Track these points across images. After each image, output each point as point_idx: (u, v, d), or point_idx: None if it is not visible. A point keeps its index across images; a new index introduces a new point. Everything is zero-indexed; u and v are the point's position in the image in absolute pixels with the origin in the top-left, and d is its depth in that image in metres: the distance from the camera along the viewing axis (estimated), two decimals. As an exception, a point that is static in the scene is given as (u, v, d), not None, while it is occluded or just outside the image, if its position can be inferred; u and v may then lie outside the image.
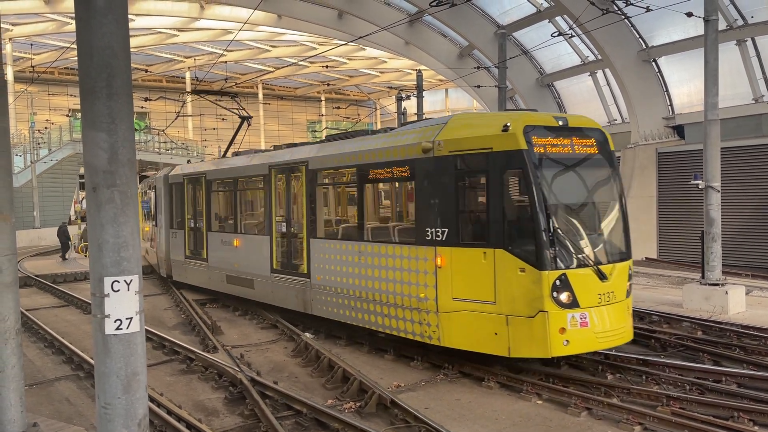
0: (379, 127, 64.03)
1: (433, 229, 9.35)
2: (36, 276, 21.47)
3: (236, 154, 16.66)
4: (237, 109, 17.80)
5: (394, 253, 10.10)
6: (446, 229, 9.16)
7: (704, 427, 6.90)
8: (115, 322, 3.90)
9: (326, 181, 12.61)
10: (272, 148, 15.35)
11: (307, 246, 12.19)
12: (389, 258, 10.18)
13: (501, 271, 8.55)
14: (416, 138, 9.83)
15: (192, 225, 17.38)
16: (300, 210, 12.72)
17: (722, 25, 17.41)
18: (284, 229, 13.15)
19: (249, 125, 17.78)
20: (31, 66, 32.77)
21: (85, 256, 27.24)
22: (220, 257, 15.75)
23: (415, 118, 27.23)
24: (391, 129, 11.50)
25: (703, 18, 13.42)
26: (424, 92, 27.47)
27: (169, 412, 7.77)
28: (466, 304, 8.96)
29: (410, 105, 30.57)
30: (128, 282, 3.92)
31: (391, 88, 53.06)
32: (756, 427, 6.97)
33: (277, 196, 13.58)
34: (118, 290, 3.88)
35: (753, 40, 20.33)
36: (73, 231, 32.92)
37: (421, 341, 9.74)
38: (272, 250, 13.46)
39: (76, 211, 42.24)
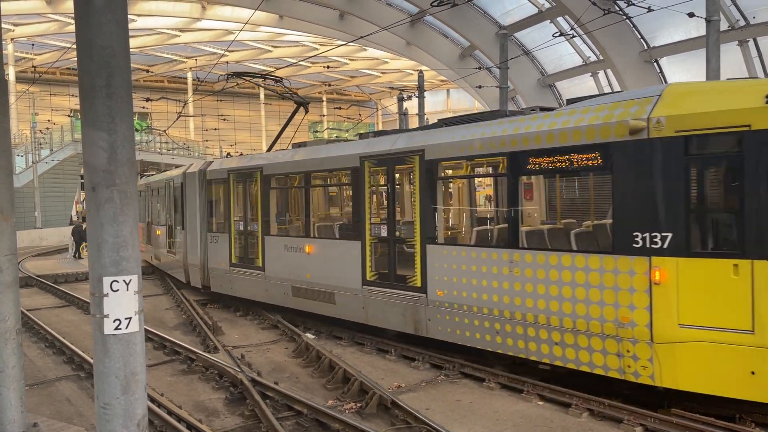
0: (380, 128, 64.09)
1: (647, 234, 7.28)
2: (37, 276, 21.48)
3: (298, 145, 14.21)
4: (289, 93, 15.65)
5: (575, 264, 7.98)
6: (668, 234, 7.13)
7: (706, 429, 6.87)
8: (114, 321, 3.89)
9: (451, 173, 10.78)
10: (357, 137, 13.19)
11: (421, 253, 10.07)
12: (565, 270, 8.07)
13: (763, 291, 6.66)
14: (611, 116, 7.69)
15: (241, 228, 14.84)
16: (410, 209, 11.18)
17: (724, 25, 17.37)
18: (384, 233, 10.94)
19: (307, 111, 15.41)
20: (33, 66, 32.81)
21: (84, 256, 27.13)
22: (282, 266, 13.26)
23: (416, 119, 27.22)
24: (545, 109, 9.51)
25: (705, 18, 13.39)
26: (425, 93, 27.43)
27: (170, 413, 7.76)
28: (702, 333, 6.96)
29: (411, 105, 30.55)
30: (127, 282, 3.91)
31: (392, 88, 53.06)
32: (757, 428, 6.94)
33: (372, 193, 11.42)
34: (117, 290, 3.87)
35: (755, 40, 20.29)
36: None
37: (620, 378, 7.69)
38: (365, 257, 11.11)
39: (77, 212, 42.29)
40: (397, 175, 11.17)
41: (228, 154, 16.75)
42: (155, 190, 22.01)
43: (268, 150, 16.65)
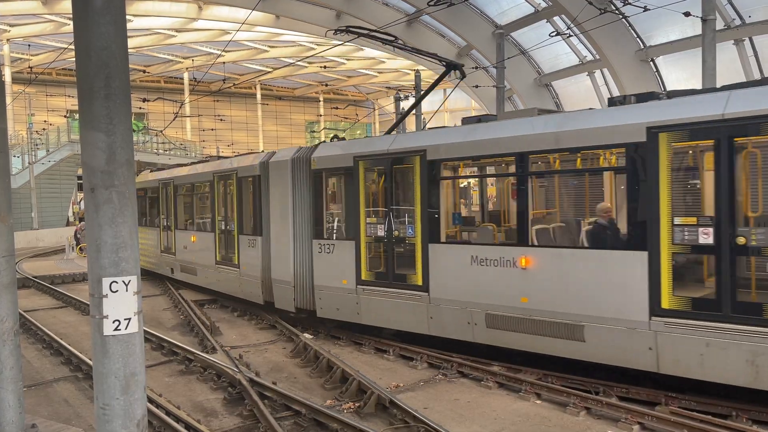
0: (378, 128, 64.03)
1: None
2: (34, 277, 21.44)
3: (476, 120, 10.63)
4: (429, 54, 13.14)
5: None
6: None
7: (703, 426, 6.90)
8: (113, 322, 3.90)
9: None
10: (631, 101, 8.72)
11: None
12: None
13: None
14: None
15: (380, 233, 11.05)
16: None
17: (720, 24, 17.42)
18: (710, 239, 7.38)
19: (463, 76, 12.31)
20: (29, 67, 32.82)
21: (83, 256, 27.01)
22: (465, 285, 9.80)
23: (413, 118, 27.23)
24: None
25: (701, 18, 13.44)
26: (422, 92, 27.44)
27: (168, 413, 7.76)
28: None
29: (408, 105, 30.56)
30: (126, 283, 3.92)
31: (389, 88, 53.12)
32: (755, 426, 6.97)
33: (679, 180, 7.99)
34: (117, 291, 3.88)
35: (750, 39, 20.36)
36: (71, 232, 32.88)
37: None
38: (655, 274, 7.76)
39: (74, 212, 42.22)
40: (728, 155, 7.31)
41: (333, 137, 13.46)
42: (184, 187, 18.19)
43: (388, 132, 12.93)
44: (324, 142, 13.31)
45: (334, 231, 12.17)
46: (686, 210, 7.86)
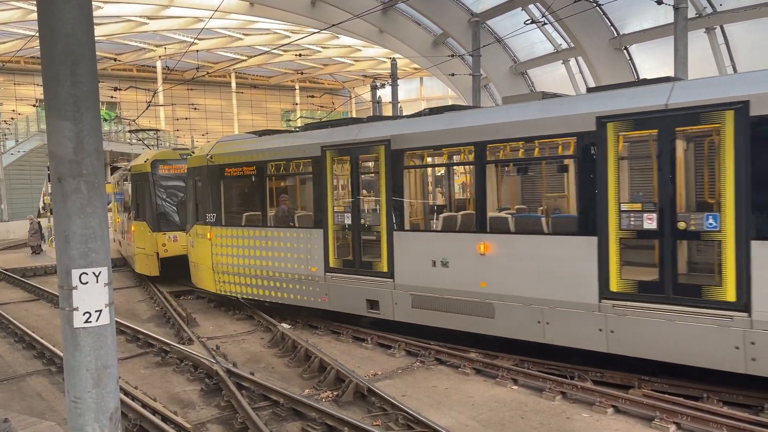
0: (354, 116, 63.76)
1: None
2: (5, 270, 21.02)
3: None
4: None
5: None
6: None
7: (674, 408, 7.04)
8: (84, 314, 3.82)
9: None
10: None
11: None
12: None
13: None
14: None
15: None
16: None
17: (692, 12, 17.62)
18: None
19: None
20: (-4, 55, 31.91)
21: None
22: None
23: (390, 107, 27.14)
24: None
25: (673, 6, 13.57)
26: (398, 81, 27.34)
27: (144, 405, 7.68)
28: None
29: (385, 93, 30.45)
30: (97, 274, 3.84)
31: (365, 76, 52.87)
32: (725, 408, 7.13)
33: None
34: (87, 282, 3.80)
35: (722, 27, 20.61)
36: (43, 223, 32.26)
37: None
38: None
39: (45, 203, 41.42)
40: None
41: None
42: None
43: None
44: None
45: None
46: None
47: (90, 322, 3.83)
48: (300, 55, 44.13)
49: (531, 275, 8.71)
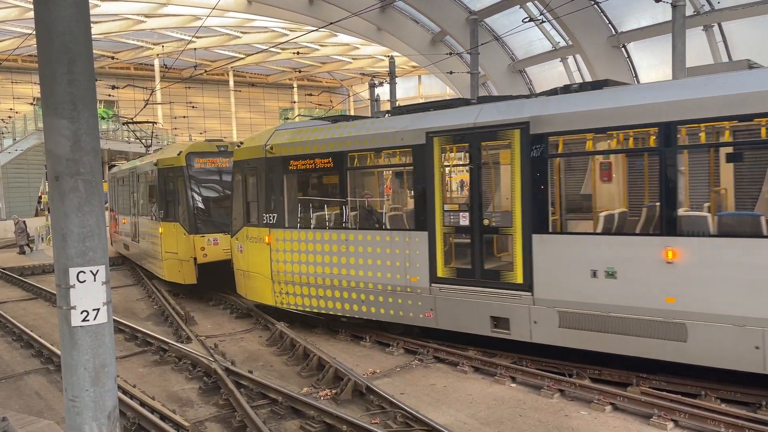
0: (353, 115, 63.65)
1: None
2: (2, 269, 20.99)
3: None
4: None
5: None
6: None
7: (672, 405, 7.05)
8: (81, 313, 3.81)
9: None
10: None
11: None
12: None
13: None
14: None
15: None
16: None
17: (689, 10, 17.62)
18: None
19: None
20: (-7, 53, 31.83)
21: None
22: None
23: (388, 105, 27.12)
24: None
25: (671, 3, 13.58)
26: (396, 79, 27.33)
27: (143, 404, 7.68)
28: None
29: (383, 92, 30.44)
30: (94, 272, 3.83)
31: (363, 74, 52.75)
32: (723, 405, 7.14)
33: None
34: (84, 281, 3.80)
35: (719, 25, 20.63)
36: (41, 222, 32.22)
37: None
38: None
39: (43, 202, 41.34)
40: None
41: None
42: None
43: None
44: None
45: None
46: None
47: (88, 320, 3.82)
48: (298, 53, 44.04)
49: (744, 288, 7.11)
